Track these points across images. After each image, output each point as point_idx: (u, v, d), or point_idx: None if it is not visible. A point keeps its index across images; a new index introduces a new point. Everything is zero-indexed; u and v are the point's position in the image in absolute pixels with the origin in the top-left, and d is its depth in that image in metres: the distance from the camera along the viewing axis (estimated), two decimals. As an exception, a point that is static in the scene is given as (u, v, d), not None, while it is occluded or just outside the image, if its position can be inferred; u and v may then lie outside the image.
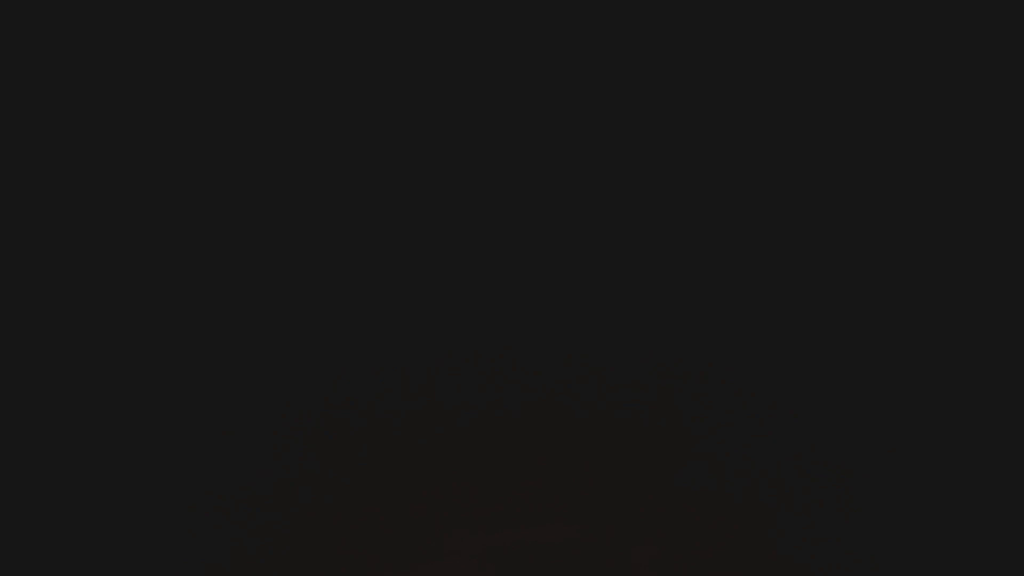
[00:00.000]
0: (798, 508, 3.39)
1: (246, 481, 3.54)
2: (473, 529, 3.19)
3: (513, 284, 4.80)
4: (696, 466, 3.72)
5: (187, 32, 4.71)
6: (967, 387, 4.31)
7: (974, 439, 3.97)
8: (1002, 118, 4.64)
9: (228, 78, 4.77)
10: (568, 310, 4.75)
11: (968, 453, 3.85)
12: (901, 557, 3.08)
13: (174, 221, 4.77)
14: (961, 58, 4.66)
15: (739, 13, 4.70)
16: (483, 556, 3.02)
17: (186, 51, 4.72)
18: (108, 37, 4.68)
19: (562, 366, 4.47)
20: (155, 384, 4.24)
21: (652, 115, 4.80)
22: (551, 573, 2.94)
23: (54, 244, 4.68)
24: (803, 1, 4.66)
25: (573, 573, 2.92)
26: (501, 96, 4.82)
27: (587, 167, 4.86)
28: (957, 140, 4.70)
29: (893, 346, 4.54)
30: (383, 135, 4.84)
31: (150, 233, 4.74)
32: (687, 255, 4.81)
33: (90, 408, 4.05)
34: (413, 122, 4.83)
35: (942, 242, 4.66)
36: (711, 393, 4.30)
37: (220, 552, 3.05)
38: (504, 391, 4.28)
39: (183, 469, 3.62)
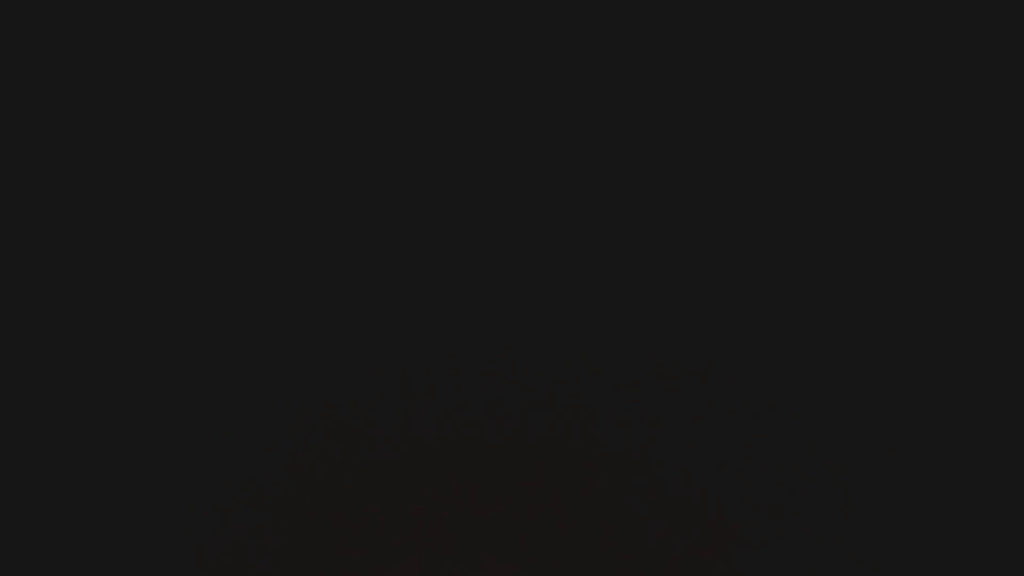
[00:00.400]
0: (798, 508, 3.39)
1: (245, 481, 3.54)
2: (474, 531, 3.19)
3: (513, 284, 4.80)
4: (695, 466, 3.72)
5: (186, 32, 4.71)
6: (967, 387, 4.31)
7: (974, 439, 3.96)
8: (1002, 118, 4.64)
9: (227, 78, 4.77)
10: (568, 310, 4.75)
11: (968, 453, 3.85)
12: (901, 557, 3.08)
13: (173, 221, 4.77)
14: (961, 58, 4.66)
15: (739, 13, 4.70)
16: (483, 556, 3.02)
17: (185, 51, 4.72)
18: (107, 37, 4.68)
19: (562, 366, 4.47)
20: (154, 384, 4.24)
21: (654, 117, 4.80)
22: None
23: (54, 244, 4.68)
24: (803, 1, 4.66)
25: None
26: (500, 96, 4.81)
27: (588, 167, 4.85)
28: (957, 140, 4.70)
29: (892, 346, 4.54)
30: (382, 135, 4.84)
31: (149, 233, 4.74)
32: (687, 255, 4.81)
33: (88, 408, 4.05)
34: (412, 122, 4.82)
35: (942, 242, 4.66)
36: (711, 393, 4.30)
37: (220, 552, 3.05)
38: (504, 391, 4.28)
39: (182, 469, 3.62)
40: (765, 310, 4.68)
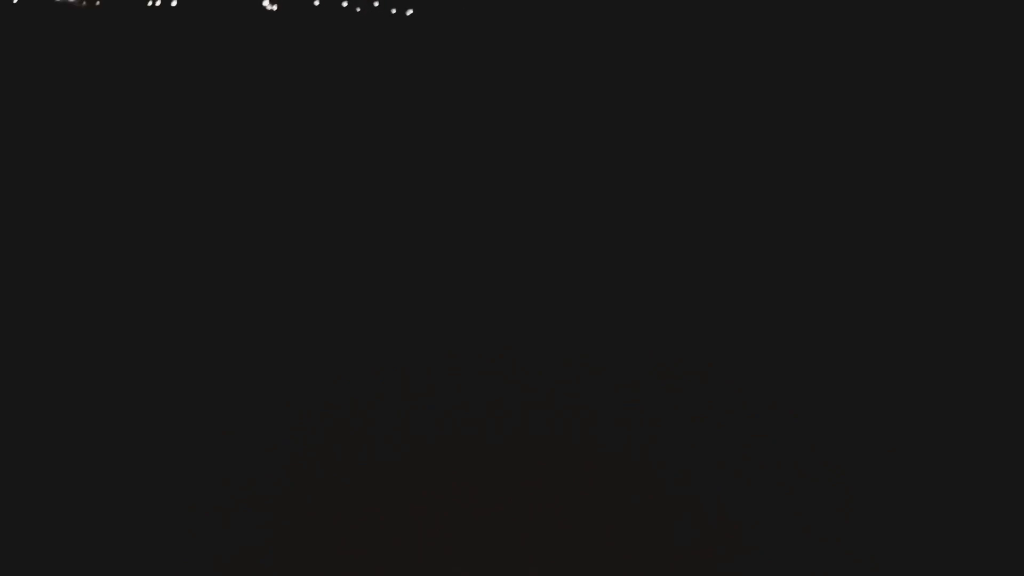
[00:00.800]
0: (798, 508, 3.39)
1: (245, 481, 3.54)
2: (474, 531, 3.19)
3: (513, 284, 4.80)
4: (695, 466, 3.72)
5: (187, 35, 4.71)
6: (967, 387, 4.31)
7: (974, 439, 3.96)
8: (1002, 118, 4.64)
9: (227, 78, 4.78)
10: (567, 310, 4.75)
11: (968, 453, 3.85)
12: (901, 557, 3.08)
13: (172, 221, 4.77)
14: (961, 58, 4.66)
15: (739, 13, 4.70)
16: (483, 556, 3.02)
17: (186, 53, 4.72)
18: (108, 41, 4.68)
19: (562, 366, 4.46)
20: (153, 384, 4.24)
21: (654, 119, 4.80)
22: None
23: (53, 244, 4.68)
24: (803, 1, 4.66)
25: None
26: (500, 96, 4.82)
27: (587, 169, 4.86)
28: (957, 140, 4.70)
29: (892, 347, 4.54)
30: (383, 136, 4.84)
31: (148, 233, 4.74)
32: (686, 256, 4.80)
33: (87, 408, 4.05)
34: (413, 123, 4.83)
35: (941, 242, 4.66)
36: (711, 393, 4.30)
37: (219, 552, 3.05)
38: (504, 391, 4.27)
39: (182, 469, 3.62)
40: (765, 310, 4.67)
